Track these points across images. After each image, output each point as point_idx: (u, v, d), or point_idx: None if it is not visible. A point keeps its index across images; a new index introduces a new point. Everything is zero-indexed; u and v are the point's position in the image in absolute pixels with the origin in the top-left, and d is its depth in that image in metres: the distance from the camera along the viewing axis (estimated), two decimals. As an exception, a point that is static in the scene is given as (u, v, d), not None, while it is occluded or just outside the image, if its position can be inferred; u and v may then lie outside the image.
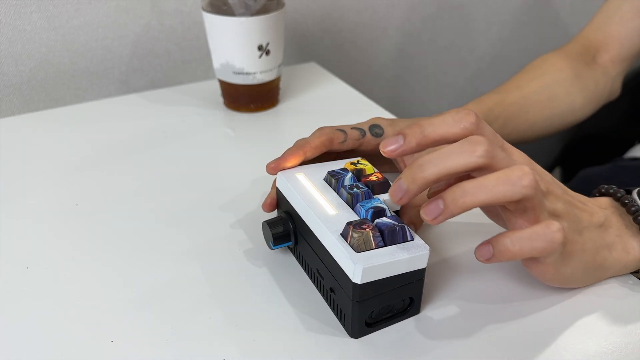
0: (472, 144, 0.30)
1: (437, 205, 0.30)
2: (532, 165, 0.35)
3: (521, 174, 0.30)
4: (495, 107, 0.56)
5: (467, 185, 0.30)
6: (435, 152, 0.31)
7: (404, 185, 0.31)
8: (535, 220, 0.32)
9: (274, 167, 0.40)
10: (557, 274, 0.35)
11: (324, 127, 0.44)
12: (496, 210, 0.37)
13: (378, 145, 0.43)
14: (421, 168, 0.30)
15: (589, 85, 0.64)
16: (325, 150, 0.43)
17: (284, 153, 0.41)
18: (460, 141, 0.31)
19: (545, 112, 0.61)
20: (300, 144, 0.42)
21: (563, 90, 0.62)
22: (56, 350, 0.34)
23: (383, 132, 0.45)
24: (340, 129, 0.44)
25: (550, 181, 0.36)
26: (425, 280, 0.35)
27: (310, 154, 0.42)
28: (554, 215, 0.34)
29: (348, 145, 0.44)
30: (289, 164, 0.40)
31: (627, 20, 0.64)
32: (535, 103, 0.60)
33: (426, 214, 0.31)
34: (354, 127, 0.44)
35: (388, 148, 0.32)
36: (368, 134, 0.45)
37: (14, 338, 0.34)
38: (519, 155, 0.35)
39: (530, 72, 0.63)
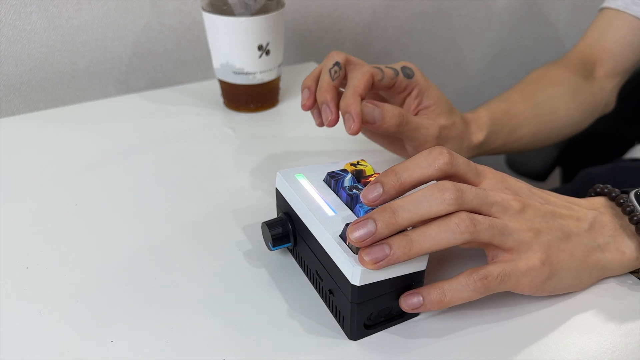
0: (441, 192, 0.32)
1: (382, 249, 0.31)
2: (506, 182, 0.36)
3: (458, 220, 0.31)
4: (503, 116, 0.57)
5: (413, 234, 0.32)
6: (406, 197, 0.32)
7: (372, 227, 0.31)
8: (510, 248, 0.33)
9: (355, 126, 0.41)
10: (538, 289, 0.35)
11: (362, 65, 0.45)
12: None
13: (408, 85, 0.47)
14: (395, 214, 0.31)
15: (587, 99, 0.65)
16: (370, 88, 0.44)
17: (345, 104, 0.42)
18: (429, 187, 0.32)
19: (547, 125, 0.62)
20: (352, 91, 0.42)
21: (563, 104, 0.63)
22: (56, 350, 0.34)
23: (414, 74, 0.47)
24: (377, 67, 0.45)
25: (528, 194, 0.36)
26: (425, 282, 0.35)
27: (364, 95, 0.43)
28: (534, 232, 0.34)
29: (385, 83, 0.46)
30: (355, 110, 0.42)
31: (620, 37, 0.65)
32: (538, 115, 0.61)
33: (368, 254, 0.31)
34: (388, 67, 0.46)
35: (369, 198, 0.33)
36: (401, 74, 0.47)
37: (14, 338, 0.34)
38: (492, 177, 0.36)
39: (533, 83, 0.64)
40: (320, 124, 0.46)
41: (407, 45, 0.94)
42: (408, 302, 0.34)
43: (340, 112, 0.43)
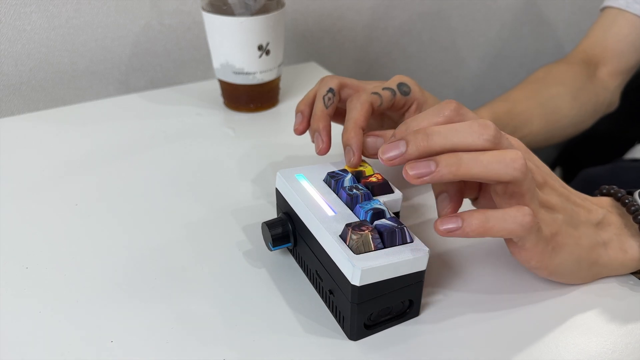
0: (482, 127, 0.31)
1: (427, 165, 0.30)
2: (530, 156, 0.36)
3: (515, 157, 0.31)
4: (504, 115, 0.57)
5: (464, 155, 0.30)
6: (444, 126, 0.31)
7: (402, 146, 0.30)
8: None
9: (355, 159, 0.40)
10: (543, 262, 0.35)
11: (359, 94, 0.43)
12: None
13: (406, 102, 0.46)
14: (428, 138, 0.30)
15: (590, 98, 0.65)
16: (370, 117, 0.43)
17: (346, 138, 0.41)
18: (470, 121, 0.31)
19: (550, 124, 0.62)
20: (352, 124, 0.41)
21: (567, 104, 0.63)
22: (56, 350, 0.34)
23: (410, 90, 0.46)
24: (375, 92, 0.44)
25: (549, 173, 0.36)
26: (425, 282, 0.35)
27: (365, 126, 0.42)
28: (548, 207, 0.34)
29: (384, 106, 0.44)
30: (356, 144, 0.41)
31: (623, 36, 0.65)
32: (541, 115, 0.61)
33: (412, 169, 0.30)
34: (384, 88, 0.45)
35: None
36: (398, 93, 0.45)
37: (14, 338, 0.34)
38: (519, 146, 0.36)
39: (536, 82, 0.64)
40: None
41: (407, 45, 0.94)
42: (445, 225, 0.31)
43: (331, 141, 0.43)
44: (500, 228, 0.32)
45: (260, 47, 0.59)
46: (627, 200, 0.39)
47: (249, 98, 0.63)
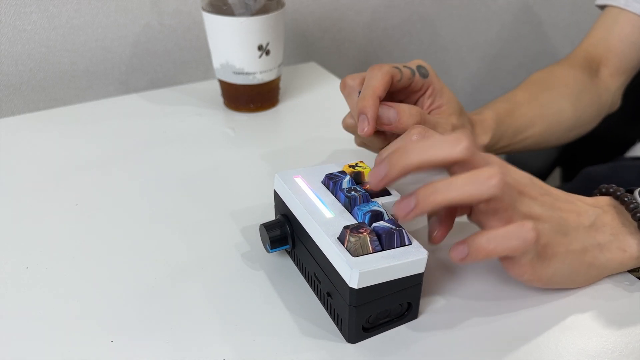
0: (456, 138, 0.32)
1: (408, 202, 0.31)
2: (506, 169, 0.36)
3: (490, 175, 0.31)
4: (508, 117, 0.57)
5: (438, 184, 0.31)
6: (420, 141, 0.33)
7: (383, 170, 0.32)
8: (509, 221, 0.33)
9: (369, 129, 0.41)
10: (536, 274, 0.35)
11: (380, 65, 0.44)
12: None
13: (423, 85, 0.47)
14: (405, 155, 0.32)
15: (593, 100, 0.65)
16: (388, 89, 0.43)
17: (362, 105, 0.41)
18: (442, 136, 0.33)
19: (553, 126, 0.62)
20: (370, 92, 0.42)
21: (570, 106, 0.62)
22: (56, 350, 0.34)
23: (428, 74, 0.47)
24: (395, 67, 0.44)
25: (528, 183, 0.36)
26: (423, 284, 0.35)
27: (383, 97, 0.42)
28: (532, 218, 0.34)
29: (403, 82, 0.45)
30: (372, 114, 0.41)
31: (625, 35, 0.65)
32: (544, 116, 0.60)
33: (399, 210, 0.32)
34: (405, 66, 0.45)
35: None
36: (417, 74, 0.46)
37: (14, 338, 0.34)
38: (494, 159, 0.36)
39: (538, 84, 0.63)
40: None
41: (407, 45, 0.94)
42: (454, 253, 0.33)
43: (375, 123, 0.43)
44: (505, 247, 0.32)
45: (260, 47, 0.59)
46: (626, 199, 0.38)
47: (249, 98, 0.63)
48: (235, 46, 0.58)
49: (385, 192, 0.38)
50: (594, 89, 0.65)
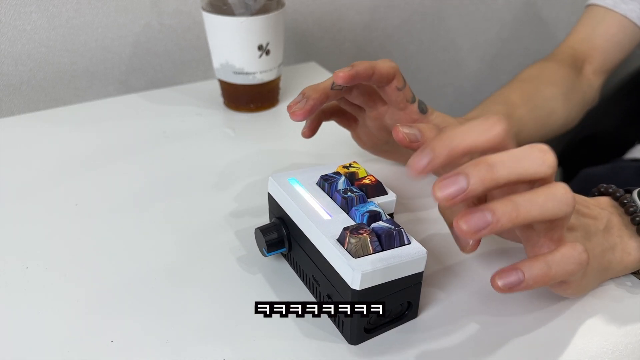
0: (542, 152, 0.29)
1: (483, 217, 0.27)
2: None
3: (564, 192, 0.28)
4: None
5: (519, 199, 0.28)
6: (504, 153, 0.28)
7: (464, 183, 0.27)
8: (559, 239, 0.31)
9: (347, 74, 0.37)
10: (579, 287, 0.35)
11: (391, 60, 0.41)
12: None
13: (417, 119, 0.42)
14: (492, 169, 0.27)
15: (579, 98, 0.66)
16: (387, 81, 0.40)
17: (357, 65, 0.38)
18: (527, 147, 0.29)
19: (545, 127, 0.63)
20: (371, 64, 0.38)
21: (560, 105, 0.63)
22: (56, 350, 0.34)
23: (427, 111, 0.44)
24: (403, 77, 0.41)
25: None
26: (422, 283, 0.35)
27: (377, 76, 0.39)
28: (569, 229, 0.33)
29: (399, 97, 0.41)
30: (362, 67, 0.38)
31: (611, 35, 0.65)
32: (536, 118, 0.61)
33: (466, 222, 0.27)
34: (409, 89, 0.42)
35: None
36: (416, 104, 0.43)
37: (14, 338, 0.34)
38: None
39: (530, 83, 0.63)
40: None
41: (407, 45, 0.94)
42: (506, 280, 0.29)
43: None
44: (563, 272, 0.30)
45: (260, 47, 0.59)
46: (625, 201, 0.38)
47: (249, 98, 0.63)
48: (235, 46, 0.58)
49: (381, 192, 0.38)
50: (580, 87, 0.66)
